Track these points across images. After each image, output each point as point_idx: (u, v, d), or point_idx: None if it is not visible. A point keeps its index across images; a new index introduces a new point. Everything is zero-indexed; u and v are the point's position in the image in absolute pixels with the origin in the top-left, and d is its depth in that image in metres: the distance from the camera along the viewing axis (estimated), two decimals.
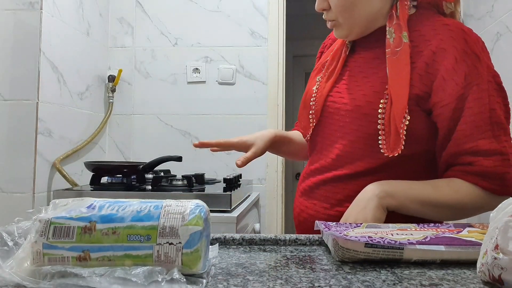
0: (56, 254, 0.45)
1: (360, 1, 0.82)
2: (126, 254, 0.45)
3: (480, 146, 0.74)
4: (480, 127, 0.74)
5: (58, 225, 0.45)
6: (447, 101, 0.76)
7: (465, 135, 0.75)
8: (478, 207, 0.76)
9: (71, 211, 0.47)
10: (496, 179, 0.73)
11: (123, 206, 0.48)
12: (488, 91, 0.75)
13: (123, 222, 0.46)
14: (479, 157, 0.74)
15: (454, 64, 0.75)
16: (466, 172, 0.75)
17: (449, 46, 0.76)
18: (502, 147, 0.74)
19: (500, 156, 0.73)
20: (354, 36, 0.88)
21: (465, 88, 0.75)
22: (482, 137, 0.74)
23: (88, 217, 0.46)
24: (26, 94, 1.53)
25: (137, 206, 0.48)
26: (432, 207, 0.76)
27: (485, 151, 0.74)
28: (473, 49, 0.76)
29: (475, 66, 0.75)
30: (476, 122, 0.74)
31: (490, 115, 0.74)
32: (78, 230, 0.45)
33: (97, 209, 0.47)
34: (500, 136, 0.74)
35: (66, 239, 0.45)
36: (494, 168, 0.73)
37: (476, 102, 0.75)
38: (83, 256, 0.45)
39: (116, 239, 0.45)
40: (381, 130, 0.78)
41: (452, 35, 0.77)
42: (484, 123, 0.74)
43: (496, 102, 0.75)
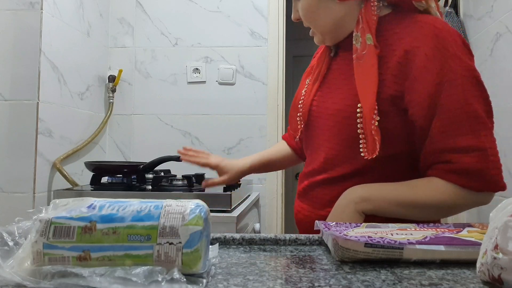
0: (57, 254, 0.45)
1: (321, 9, 0.83)
2: (126, 254, 0.45)
3: (458, 143, 0.72)
4: (456, 123, 0.72)
5: (59, 225, 0.46)
6: (420, 99, 0.75)
7: (441, 133, 0.73)
8: (458, 205, 0.75)
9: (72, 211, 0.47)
10: (475, 175, 0.71)
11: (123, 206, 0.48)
12: (463, 86, 0.73)
13: (123, 222, 0.46)
14: (457, 154, 0.72)
15: (425, 62, 0.74)
16: (445, 170, 0.73)
17: (421, 44, 0.75)
18: (480, 142, 0.72)
19: (478, 152, 0.72)
20: (329, 41, 0.89)
21: (437, 85, 0.73)
22: (459, 134, 0.72)
23: (89, 217, 0.46)
24: (26, 94, 1.53)
25: (137, 206, 0.48)
26: (410, 208, 0.76)
27: (463, 148, 0.72)
28: (444, 44, 0.74)
29: (447, 61, 0.74)
30: (451, 118, 0.73)
31: (466, 110, 0.72)
32: (78, 230, 0.45)
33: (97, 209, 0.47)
34: (478, 131, 0.72)
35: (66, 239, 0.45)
36: (472, 165, 0.71)
37: (450, 99, 0.73)
38: (84, 256, 0.45)
39: (116, 239, 0.45)
40: (361, 133, 0.78)
41: (423, 32, 0.76)
42: (460, 119, 0.72)
43: (473, 96, 0.73)
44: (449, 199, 0.73)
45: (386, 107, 0.77)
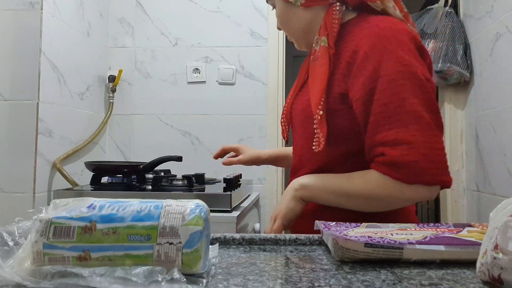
0: (57, 254, 0.45)
1: (290, 16, 0.91)
2: (126, 254, 0.45)
3: (389, 136, 0.74)
4: (390, 117, 0.74)
5: (59, 225, 0.46)
6: (358, 95, 0.78)
7: (376, 127, 0.76)
8: (389, 196, 0.76)
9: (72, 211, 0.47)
10: (404, 168, 0.72)
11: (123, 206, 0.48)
12: (397, 81, 0.74)
13: (124, 222, 0.46)
14: (387, 147, 0.74)
15: (364, 60, 0.78)
16: (378, 162, 0.76)
17: (363, 43, 0.79)
18: (410, 136, 0.73)
19: (407, 145, 0.72)
20: (305, 47, 0.97)
21: (374, 81, 0.76)
22: (391, 127, 0.74)
23: (89, 217, 0.46)
24: (26, 94, 1.53)
25: (137, 206, 0.48)
26: (345, 197, 0.80)
27: (393, 141, 0.74)
28: (383, 42, 0.77)
29: (383, 58, 0.76)
30: (385, 113, 0.75)
31: (399, 105, 0.74)
32: (78, 230, 0.45)
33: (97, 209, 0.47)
34: (410, 125, 0.73)
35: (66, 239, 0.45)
36: (401, 158, 0.72)
37: (384, 93, 0.75)
38: (84, 256, 0.45)
39: (116, 239, 0.45)
40: (315, 129, 0.83)
41: (366, 32, 0.79)
42: (393, 113, 0.74)
43: (408, 92, 0.74)
44: (380, 190, 0.76)
45: (336, 105, 0.82)
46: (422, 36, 2.03)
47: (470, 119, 2.02)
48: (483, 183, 1.86)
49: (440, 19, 2.02)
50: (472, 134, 1.99)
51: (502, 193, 1.70)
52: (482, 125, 1.89)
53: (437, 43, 1.97)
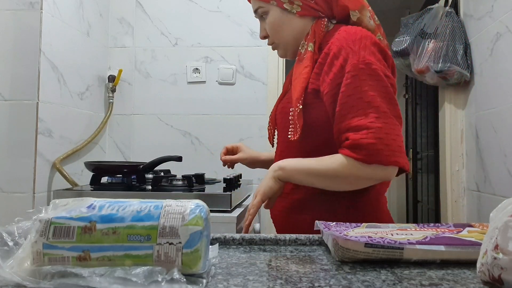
0: (56, 254, 0.45)
1: (285, 24, 1.00)
2: (126, 254, 0.45)
3: (352, 123, 0.85)
4: (353, 107, 0.86)
5: (58, 225, 0.45)
6: (328, 89, 0.90)
7: (341, 116, 0.87)
8: (352, 175, 0.86)
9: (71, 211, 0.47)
10: (363, 149, 0.83)
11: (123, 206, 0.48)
12: (359, 77, 0.86)
13: (123, 222, 0.46)
14: (350, 133, 0.85)
15: (333, 59, 0.90)
16: (343, 146, 0.87)
17: (333, 46, 0.91)
18: (369, 123, 0.84)
19: (366, 130, 0.83)
20: (291, 55, 1.05)
21: (340, 77, 0.88)
22: (354, 116, 0.85)
23: (88, 217, 0.46)
24: (26, 94, 1.53)
25: (137, 206, 0.48)
26: (315, 177, 0.90)
27: (355, 127, 0.85)
28: (348, 44, 0.89)
29: (348, 57, 0.88)
30: (349, 103, 0.86)
31: (360, 96, 0.85)
32: (78, 230, 0.45)
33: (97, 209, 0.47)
34: (370, 113, 0.85)
35: (66, 239, 0.45)
36: (361, 140, 0.83)
37: (348, 87, 0.87)
38: (83, 256, 0.45)
39: (116, 239, 0.45)
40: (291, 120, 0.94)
41: (338, 37, 0.92)
42: (356, 103, 0.85)
43: (368, 85, 0.86)
44: (344, 170, 0.86)
45: (310, 99, 0.93)
46: (423, 35, 2.03)
47: (470, 119, 2.02)
48: (483, 183, 1.86)
49: (440, 19, 2.02)
50: (473, 134, 1.98)
51: (502, 193, 1.70)
52: (482, 125, 1.89)
53: (437, 43, 1.97)
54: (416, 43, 2.05)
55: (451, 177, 2.10)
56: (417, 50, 2.04)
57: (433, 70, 1.97)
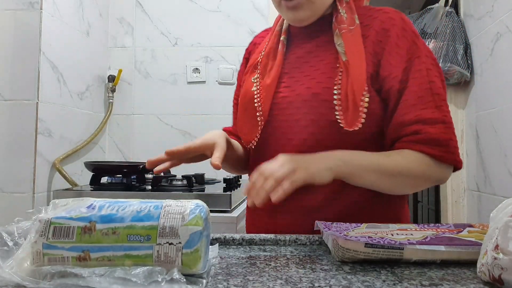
0: (56, 254, 0.45)
1: None
2: (126, 254, 0.45)
3: (424, 115, 0.76)
4: (422, 98, 0.77)
5: (58, 225, 0.45)
6: (395, 73, 0.79)
7: (410, 105, 0.77)
8: (427, 175, 0.77)
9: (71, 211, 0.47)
10: (441, 145, 0.75)
11: (123, 206, 0.48)
12: (426, 64, 0.79)
13: (123, 222, 0.46)
14: (424, 126, 0.75)
15: (396, 40, 0.80)
16: (413, 141, 0.76)
17: (390, 26, 0.81)
18: (443, 116, 0.77)
19: (442, 125, 0.76)
20: (311, 19, 0.86)
21: (407, 61, 0.79)
22: (425, 107, 0.76)
23: (88, 217, 0.46)
24: (26, 94, 1.53)
25: (137, 206, 0.48)
26: (383, 176, 0.76)
27: (429, 119, 0.76)
28: (410, 27, 0.82)
29: (414, 41, 0.80)
30: (418, 92, 0.77)
31: (430, 87, 0.77)
32: (78, 230, 0.45)
33: (97, 209, 0.47)
34: (441, 106, 0.77)
35: (66, 239, 0.45)
36: (439, 135, 0.75)
37: (418, 74, 0.78)
38: (83, 256, 0.44)
39: (116, 239, 0.45)
40: (337, 105, 0.78)
41: (390, 16, 0.83)
42: (426, 94, 0.77)
43: (434, 76, 0.79)
44: (417, 168, 0.76)
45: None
46: (423, 35, 2.03)
47: (470, 119, 2.02)
48: (484, 183, 1.86)
49: (440, 18, 2.02)
50: (473, 134, 1.98)
51: (502, 193, 1.70)
52: (482, 125, 1.88)
53: (438, 43, 1.97)
54: None
55: (451, 177, 2.10)
56: None
57: None
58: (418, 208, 3.11)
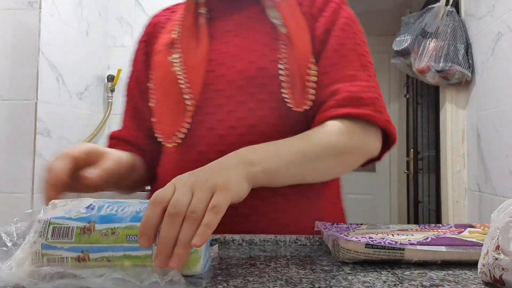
0: (55, 254, 0.44)
1: None
2: (126, 255, 0.45)
3: (345, 72, 0.69)
4: (346, 57, 0.70)
5: (57, 225, 0.45)
6: (317, 33, 0.73)
7: (330, 64, 0.70)
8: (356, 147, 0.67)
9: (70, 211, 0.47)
10: (365, 104, 0.66)
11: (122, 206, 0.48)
12: (353, 27, 0.74)
13: (122, 222, 0.45)
14: (343, 84, 0.67)
15: (324, 4, 0.75)
16: (332, 107, 0.66)
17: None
18: (368, 76, 0.70)
19: (366, 83, 0.68)
20: None
21: (332, 22, 0.73)
22: (348, 65, 0.70)
23: (87, 218, 0.46)
24: (25, 94, 1.53)
25: (136, 207, 0.47)
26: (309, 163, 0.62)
27: (351, 77, 0.68)
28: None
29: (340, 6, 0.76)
30: (341, 51, 0.71)
31: (355, 48, 0.71)
32: (77, 230, 0.45)
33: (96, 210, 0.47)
34: (367, 66, 0.71)
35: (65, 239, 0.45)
36: (360, 93, 0.67)
37: (342, 33, 0.72)
38: (82, 256, 0.44)
39: (115, 239, 0.45)
40: (285, 81, 0.69)
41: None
42: (350, 53, 0.71)
43: (360, 40, 0.73)
44: (343, 140, 0.65)
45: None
46: (424, 35, 2.03)
47: (471, 119, 2.02)
48: (485, 184, 1.86)
49: (441, 18, 2.02)
50: (474, 134, 1.98)
51: (503, 193, 1.70)
52: (483, 125, 1.88)
53: (439, 43, 1.97)
54: (417, 42, 2.05)
55: (452, 177, 2.10)
56: (418, 49, 2.03)
57: (434, 70, 1.97)
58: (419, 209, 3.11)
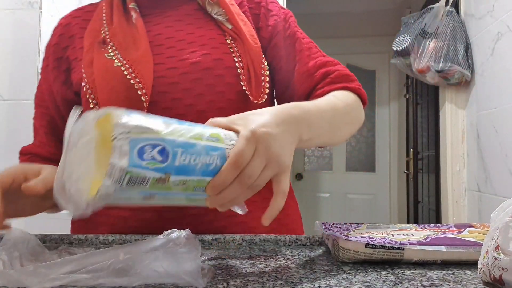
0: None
1: None
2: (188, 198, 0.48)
3: (321, 60, 0.75)
4: (311, 49, 0.77)
5: (134, 176, 0.43)
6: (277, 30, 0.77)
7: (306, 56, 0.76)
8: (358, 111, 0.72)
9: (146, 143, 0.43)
10: (353, 80, 0.74)
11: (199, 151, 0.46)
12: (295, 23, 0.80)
13: (194, 176, 0.46)
14: (329, 67, 0.74)
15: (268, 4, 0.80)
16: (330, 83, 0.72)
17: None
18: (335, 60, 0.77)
19: (340, 65, 0.76)
20: None
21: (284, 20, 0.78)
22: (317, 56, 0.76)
23: (163, 168, 0.44)
24: (25, 94, 1.53)
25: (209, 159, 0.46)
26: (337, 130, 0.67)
27: (328, 62, 0.75)
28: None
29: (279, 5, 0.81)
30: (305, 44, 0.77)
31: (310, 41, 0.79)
32: (152, 180, 0.44)
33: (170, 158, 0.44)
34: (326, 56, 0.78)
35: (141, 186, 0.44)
36: (346, 71, 0.75)
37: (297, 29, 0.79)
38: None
39: (184, 188, 0.46)
40: (241, 74, 0.69)
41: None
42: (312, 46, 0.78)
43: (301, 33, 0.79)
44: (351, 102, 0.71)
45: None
46: (423, 35, 2.03)
47: (471, 119, 2.02)
48: (485, 184, 1.86)
49: (441, 18, 2.02)
50: (474, 134, 1.98)
51: (503, 193, 1.70)
52: (483, 125, 1.88)
53: (438, 43, 1.97)
54: (417, 42, 2.05)
55: (452, 177, 2.10)
56: (417, 49, 2.03)
57: (434, 70, 1.97)
58: (419, 208, 3.11)
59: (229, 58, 0.71)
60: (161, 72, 0.69)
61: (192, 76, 0.69)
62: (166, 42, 0.73)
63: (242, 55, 0.71)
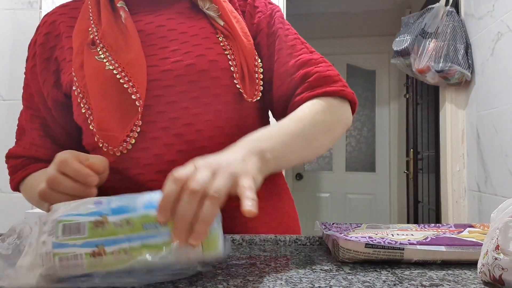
0: (68, 252, 0.41)
1: None
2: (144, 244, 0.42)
3: (304, 58, 0.72)
4: (295, 46, 0.73)
5: (67, 223, 0.42)
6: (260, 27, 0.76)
7: (286, 55, 0.72)
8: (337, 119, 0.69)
9: (78, 208, 0.43)
10: (335, 81, 0.70)
11: (132, 198, 0.44)
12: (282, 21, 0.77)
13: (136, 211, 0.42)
14: (310, 67, 0.70)
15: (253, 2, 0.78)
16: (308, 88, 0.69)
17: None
18: (321, 57, 0.73)
19: (325, 63, 0.72)
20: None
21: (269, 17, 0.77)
22: (301, 53, 0.72)
23: (98, 212, 0.42)
24: None
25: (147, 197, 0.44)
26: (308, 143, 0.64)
27: (311, 61, 0.71)
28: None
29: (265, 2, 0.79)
30: (289, 42, 0.74)
31: (297, 37, 0.75)
32: (89, 225, 0.41)
33: (105, 204, 0.43)
34: (314, 52, 0.74)
35: (77, 235, 0.41)
36: (328, 72, 0.70)
37: (281, 25, 0.76)
38: (97, 251, 0.41)
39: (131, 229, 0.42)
40: (235, 73, 0.69)
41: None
42: (296, 43, 0.74)
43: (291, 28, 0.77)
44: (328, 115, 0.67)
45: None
46: (423, 35, 2.03)
47: (471, 119, 2.02)
48: (485, 184, 1.86)
49: (441, 18, 2.02)
50: (474, 134, 1.98)
51: (503, 193, 1.70)
52: (483, 125, 1.88)
53: (438, 43, 1.97)
54: (416, 42, 2.05)
55: (452, 177, 2.10)
56: (417, 49, 2.03)
57: (434, 70, 1.97)
58: (419, 208, 3.11)
59: (223, 59, 0.70)
60: (156, 75, 0.68)
61: (187, 78, 0.68)
62: (159, 42, 0.71)
63: (235, 53, 0.71)
